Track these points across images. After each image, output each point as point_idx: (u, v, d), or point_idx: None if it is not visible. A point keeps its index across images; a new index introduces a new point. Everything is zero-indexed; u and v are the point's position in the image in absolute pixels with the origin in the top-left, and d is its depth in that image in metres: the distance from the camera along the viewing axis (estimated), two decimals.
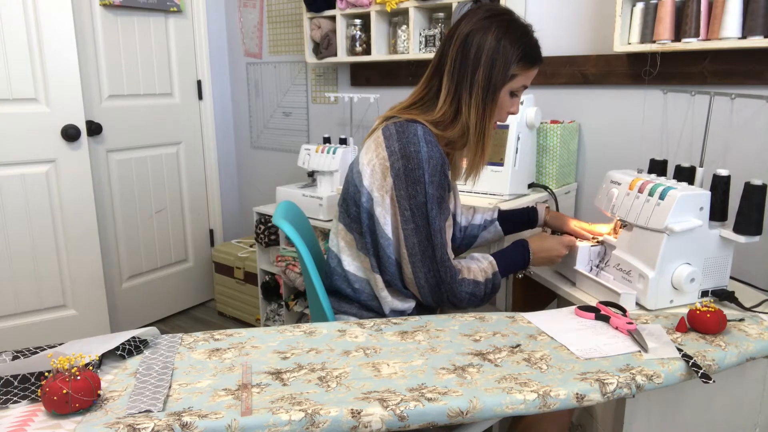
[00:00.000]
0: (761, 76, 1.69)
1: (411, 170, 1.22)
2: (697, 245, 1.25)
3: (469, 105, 1.25)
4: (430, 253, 1.25)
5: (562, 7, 2.08)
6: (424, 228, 1.24)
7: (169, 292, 3.12)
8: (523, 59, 1.25)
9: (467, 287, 1.29)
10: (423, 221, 1.24)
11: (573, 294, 1.39)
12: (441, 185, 1.25)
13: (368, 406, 0.86)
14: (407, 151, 1.22)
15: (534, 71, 1.30)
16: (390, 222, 1.26)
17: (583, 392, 0.92)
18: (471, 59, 1.23)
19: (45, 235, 2.48)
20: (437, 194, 1.24)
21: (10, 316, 2.45)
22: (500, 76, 1.24)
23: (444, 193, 1.27)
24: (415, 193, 1.23)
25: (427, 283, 1.27)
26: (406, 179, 1.22)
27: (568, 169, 2.08)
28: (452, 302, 1.30)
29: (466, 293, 1.29)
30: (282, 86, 3.12)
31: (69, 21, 2.40)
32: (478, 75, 1.24)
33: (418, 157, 1.22)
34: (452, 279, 1.27)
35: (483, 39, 1.23)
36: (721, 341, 1.08)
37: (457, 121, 1.27)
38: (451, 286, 1.28)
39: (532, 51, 1.27)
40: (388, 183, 1.25)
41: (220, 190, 3.35)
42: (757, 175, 1.67)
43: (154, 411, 0.86)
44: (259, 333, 1.15)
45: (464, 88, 1.25)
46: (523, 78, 1.28)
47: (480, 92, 1.24)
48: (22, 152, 2.38)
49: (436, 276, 1.26)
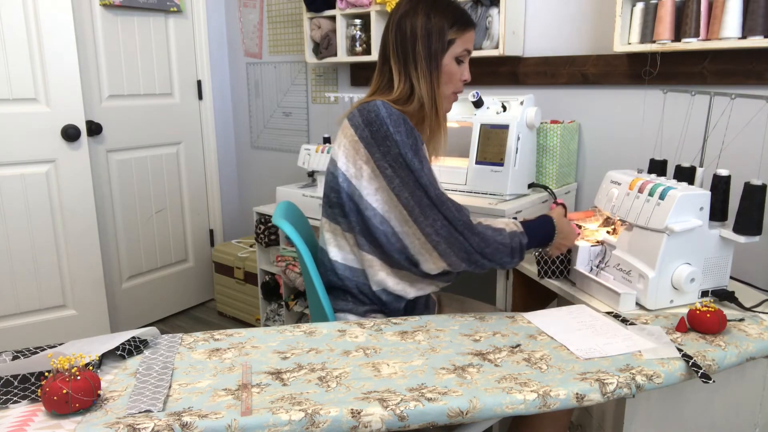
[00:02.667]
0: (761, 76, 1.69)
1: (376, 131, 1.27)
2: (697, 245, 1.25)
3: (419, 77, 1.32)
4: (426, 200, 1.24)
5: (562, 7, 2.08)
6: (408, 176, 1.25)
7: (169, 292, 3.12)
8: (456, 24, 1.32)
9: (487, 230, 1.25)
10: (404, 170, 1.25)
11: (573, 294, 1.39)
12: (409, 134, 1.27)
13: (368, 406, 0.86)
14: (369, 118, 1.28)
15: (470, 34, 1.36)
16: (376, 190, 1.28)
17: (583, 392, 0.92)
18: (409, 37, 1.32)
19: (45, 235, 2.48)
20: (408, 141, 1.26)
21: (10, 316, 2.45)
22: (438, 44, 1.32)
23: (416, 142, 1.28)
24: (387, 148, 1.26)
25: (440, 234, 1.23)
26: (375, 141, 1.27)
27: (568, 169, 2.08)
28: (479, 248, 1.23)
29: (489, 234, 1.24)
30: (282, 86, 3.12)
31: (69, 21, 2.40)
32: (418, 48, 1.31)
33: (379, 118, 1.27)
34: (462, 216, 1.23)
35: (414, 18, 1.31)
36: (721, 341, 1.08)
37: (414, 96, 1.33)
38: (468, 226, 1.23)
39: (461, 16, 1.34)
40: (361, 153, 1.29)
41: (220, 190, 3.35)
42: (757, 175, 1.67)
43: (154, 411, 0.86)
44: (259, 333, 1.15)
45: (410, 64, 1.32)
46: (462, 42, 1.34)
47: (424, 63, 1.31)
48: (22, 152, 2.38)
49: (443, 220, 1.23)
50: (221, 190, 3.37)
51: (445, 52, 1.33)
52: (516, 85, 2.23)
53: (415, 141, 1.28)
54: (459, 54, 1.34)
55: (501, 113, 1.94)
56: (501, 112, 1.94)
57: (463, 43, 1.34)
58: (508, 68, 2.23)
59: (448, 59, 1.33)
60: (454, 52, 1.34)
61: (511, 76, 2.23)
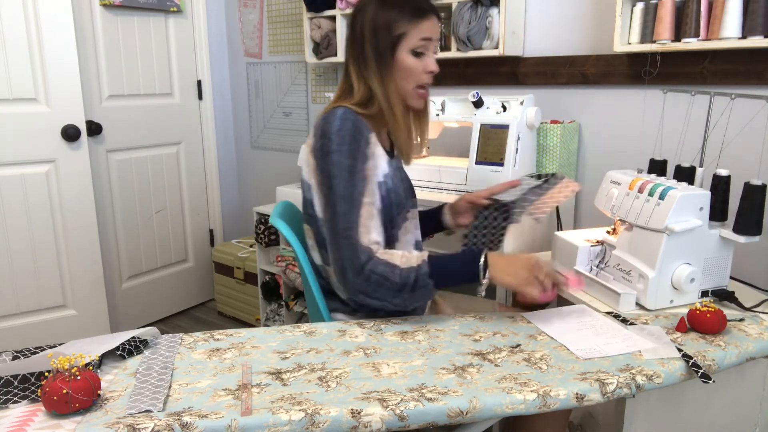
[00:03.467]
0: (761, 76, 1.69)
1: (322, 145, 1.22)
2: (697, 245, 1.25)
3: (371, 78, 1.26)
4: (333, 229, 1.19)
5: (562, 7, 2.08)
6: (330, 199, 1.20)
7: (169, 292, 3.12)
8: (406, 15, 1.24)
9: (377, 267, 1.15)
10: (329, 192, 1.21)
11: (573, 294, 1.39)
12: (351, 153, 1.21)
13: (368, 406, 0.86)
14: (322, 129, 1.24)
15: (427, 22, 1.26)
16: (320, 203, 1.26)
17: (583, 392, 0.92)
18: (358, 37, 1.27)
19: (45, 235, 2.48)
20: (346, 162, 1.20)
21: (10, 316, 2.45)
22: (386, 40, 1.25)
23: (356, 162, 1.21)
24: (325, 165, 1.21)
25: (336, 265, 1.19)
26: (321, 155, 1.22)
27: (568, 169, 2.08)
28: (362, 289, 1.17)
29: (374, 278, 1.15)
30: (282, 86, 3.12)
31: (69, 21, 2.40)
32: (366, 48, 1.26)
33: (328, 132, 1.22)
34: (356, 252, 1.16)
35: (363, 16, 1.27)
36: (721, 341, 1.08)
37: (374, 98, 1.28)
38: (357, 269, 1.15)
39: (412, 5, 1.25)
40: (311, 165, 1.27)
41: (220, 190, 3.35)
42: (757, 175, 1.66)
43: (154, 411, 0.86)
44: (259, 333, 1.15)
45: (362, 64, 1.27)
46: (417, 32, 1.25)
47: (373, 62, 1.26)
48: (22, 152, 2.38)
49: (337, 253, 1.18)
50: (221, 190, 3.37)
51: (397, 47, 1.25)
52: (516, 85, 2.23)
53: (354, 162, 1.21)
54: (415, 46, 1.25)
55: (501, 113, 1.94)
56: (501, 112, 1.94)
57: (418, 33, 1.25)
58: (508, 68, 2.23)
59: (402, 54, 1.25)
60: (408, 45, 1.25)
61: (511, 76, 2.23)
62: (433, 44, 1.28)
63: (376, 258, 1.17)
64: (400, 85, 1.28)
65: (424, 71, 1.28)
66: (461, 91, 2.16)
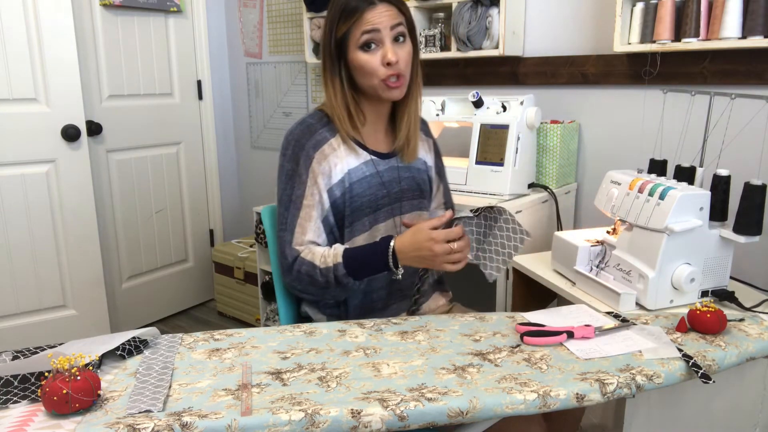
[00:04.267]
0: (761, 76, 1.69)
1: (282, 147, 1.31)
2: (697, 245, 1.25)
3: (333, 82, 1.29)
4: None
5: (562, 7, 2.08)
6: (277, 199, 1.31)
7: (169, 292, 3.12)
8: (341, 15, 1.22)
9: (302, 266, 1.25)
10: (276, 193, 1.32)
11: (573, 294, 1.39)
12: (294, 158, 1.28)
13: (368, 406, 0.86)
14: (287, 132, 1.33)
15: (364, 15, 1.20)
16: None
17: (583, 392, 0.92)
18: (320, 48, 1.32)
19: (45, 235, 2.48)
20: (287, 166, 1.29)
21: (10, 316, 2.45)
22: (334, 45, 1.26)
23: (297, 166, 1.28)
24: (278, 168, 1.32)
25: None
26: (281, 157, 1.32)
27: (568, 169, 2.08)
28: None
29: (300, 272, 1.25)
30: (282, 86, 3.12)
31: (69, 21, 2.40)
32: (324, 56, 1.30)
33: (286, 136, 1.31)
34: (284, 252, 1.27)
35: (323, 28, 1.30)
36: (721, 341, 1.08)
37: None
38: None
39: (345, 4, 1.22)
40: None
41: (220, 190, 3.35)
42: (757, 175, 1.66)
43: (154, 411, 0.86)
44: (259, 333, 1.15)
45: (324, 71, 1.31)
46: (357, 27, 1.21)
47: (329, 68, 1.29)
48: (22, 152, 2.38)
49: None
50: (221, 190, 3.37)
51: (346, 49, 1.24)
52: (516, 85, 2.23)
53: (295, 166, 1.28)
54: (360, 41, 1.21)
55: (501, 113, 1.94)
56: (501, 112, 1.94)
57: (358, 27, 1.20)
58: (508, 68, 2.23)
59: (352, 54, 1.23)
60: (354, 42, 1.22)
61: (511, 76, 2.23)
62: (385, 33, 1.21)
63: (300, 258, 1.25)
64: (364, 83, 1.26)
65: (381, 64, 1.22)
66: (461, 91, 2.16)
